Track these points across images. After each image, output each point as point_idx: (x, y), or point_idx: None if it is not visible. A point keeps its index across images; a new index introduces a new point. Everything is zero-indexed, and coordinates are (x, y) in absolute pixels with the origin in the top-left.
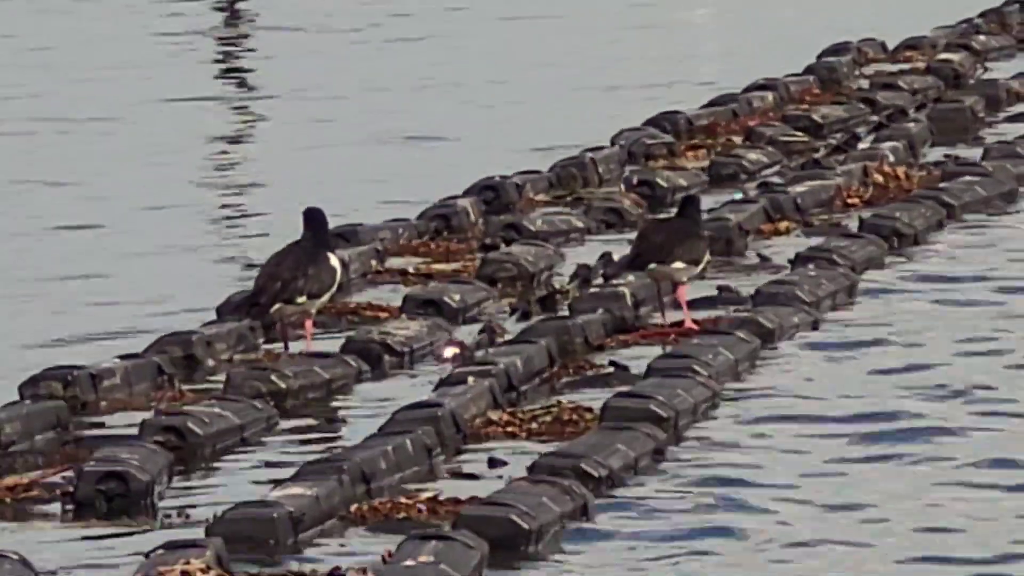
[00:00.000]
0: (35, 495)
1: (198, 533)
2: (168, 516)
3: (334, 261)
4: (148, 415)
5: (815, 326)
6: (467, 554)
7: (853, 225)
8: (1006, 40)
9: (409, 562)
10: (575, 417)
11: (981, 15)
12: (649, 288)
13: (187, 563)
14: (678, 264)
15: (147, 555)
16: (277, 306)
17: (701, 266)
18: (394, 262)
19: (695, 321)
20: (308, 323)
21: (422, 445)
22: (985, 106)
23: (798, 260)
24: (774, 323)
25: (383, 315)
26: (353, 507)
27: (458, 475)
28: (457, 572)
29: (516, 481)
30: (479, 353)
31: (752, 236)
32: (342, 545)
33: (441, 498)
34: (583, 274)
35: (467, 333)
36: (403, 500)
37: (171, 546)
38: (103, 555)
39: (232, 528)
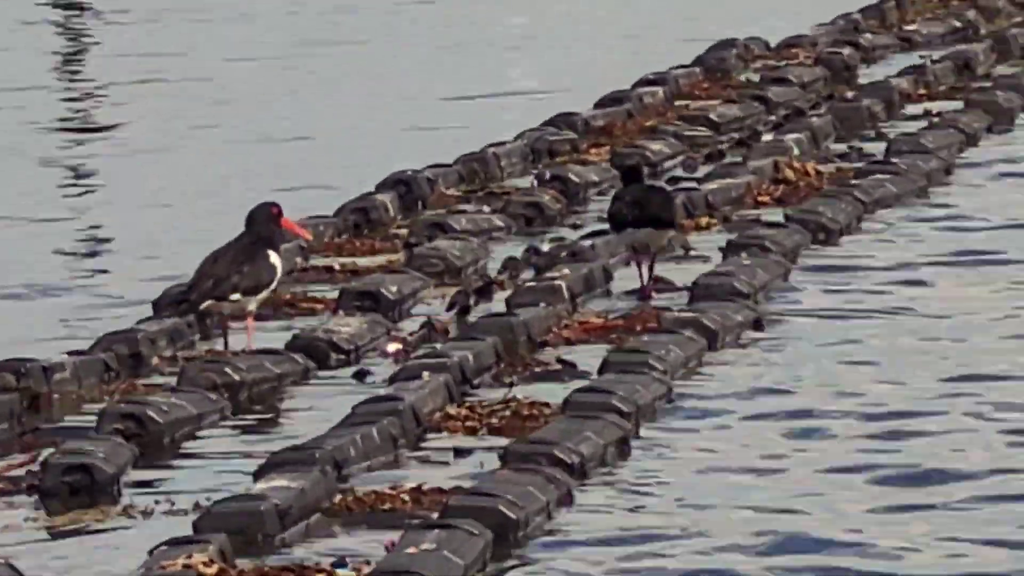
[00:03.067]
0: (0, 488)
1: (179, 525)
2: (144, 510)
3: (274, 259)
4: (99, 407)
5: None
6: (471, 541)
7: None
8: (889, 39)
9: (412, 550)
10: (534, 412)
11: (861, 11)
12: (583, 281)
13: (190, 557)
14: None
15: (150, 552)
16: (209, 302)
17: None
18: (319, 260)
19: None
20: (249, 320)
21: (388, 435)
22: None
23: (730, 248)
24: (717, 324)
25: (319, 307)
26: (337, 498)
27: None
28: (461, 560)
29: (499, 470)
30: (430, 347)
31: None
32: (330, 537)
33: (425, 488)
34: (461, 302)
35: (407, 329)
36: (387, 491)
37: (174, 542)
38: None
39: (220, 522)
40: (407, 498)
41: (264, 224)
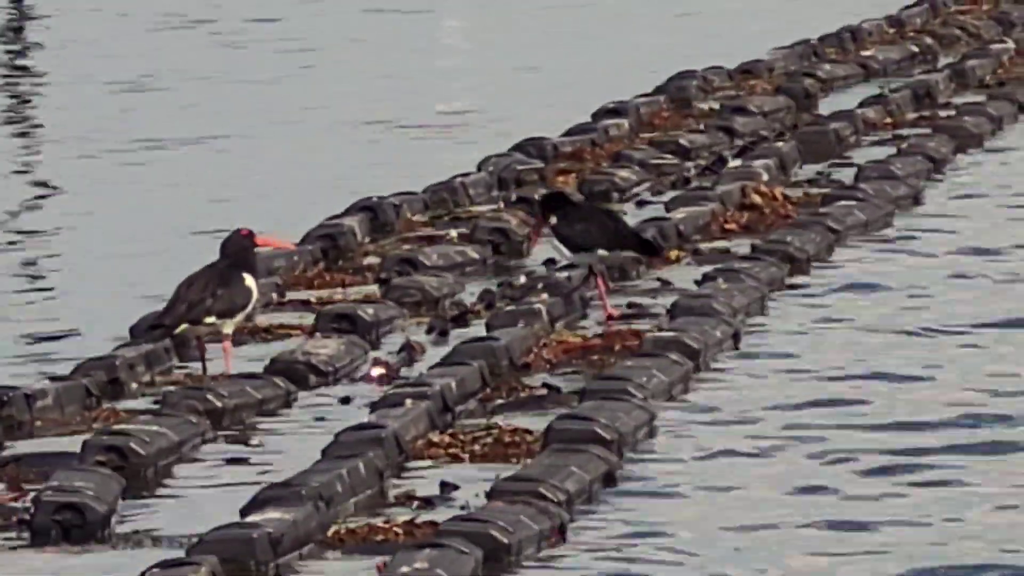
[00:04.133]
0: None
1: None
2: (136, 542)
3: (249, 282)
4: (79, 436)
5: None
6: (461, 559)
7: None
8: (851, 68)
9: (404, 568)
10: (516, 439)
11: (821, 39)
12: (562, 305)
13: None
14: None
15: (142, 574)
16: (183, 327)
17: None
18: (293, 294)
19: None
20: (226, 344)
21: (374, 468)
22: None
23: (705, 280)
24: (700, 343)
25: (295, 332)
26: (331, 531)
27: (415, 498)
28: None
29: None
30: (408, 372)
31: (644, 266)
32: (322, 567)
33: (418, 521)
34: (439, 326)
35: (385, 352)
36: (381, 524)
37: (165, 564)
38: None
39: (212, 549)
40: (400, 531)
41: (238, 250)
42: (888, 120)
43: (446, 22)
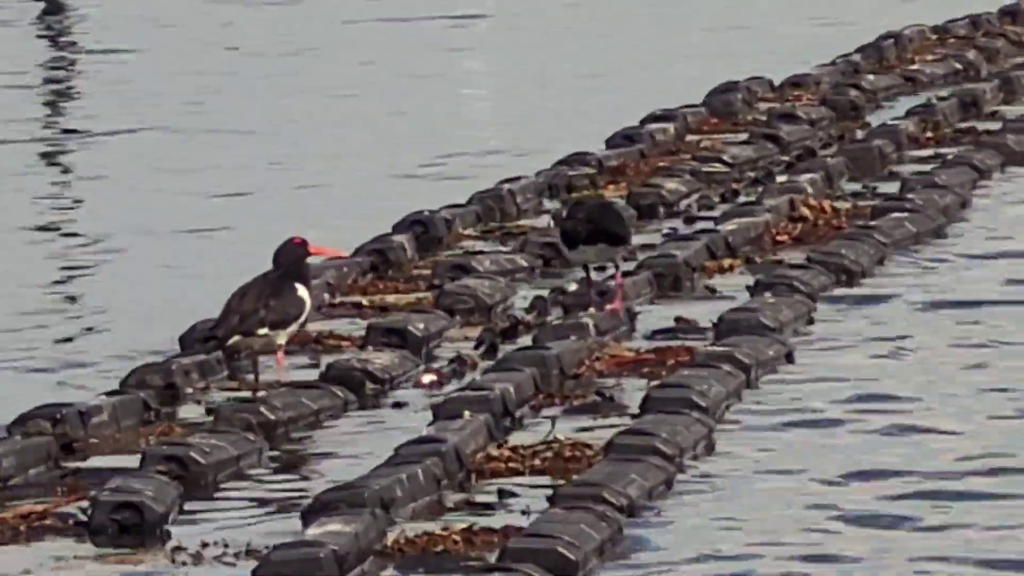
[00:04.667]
0: (49, 524)
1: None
2: (195, 553)
3: (302, 292)
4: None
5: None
6: None
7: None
8: (892, 79)
9: None
10: (576, 453)
11: (859, 50)
12: (609, 320)
13: None
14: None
15: None
16: (235, 338)
17: None
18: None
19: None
20: (279, 354)
21: (432, 475)
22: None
23: (757, 287)
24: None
25: (345, 344)
26: (390, 540)
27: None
28: None
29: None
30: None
31: (698, 273)
32: None
33: (476, 529)
34: (488, 340)
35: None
36: (440, 532)
37: None
38: None
39: (278, 569)
40: (459, 539)
41: (291, 259)
42: (930, 134)
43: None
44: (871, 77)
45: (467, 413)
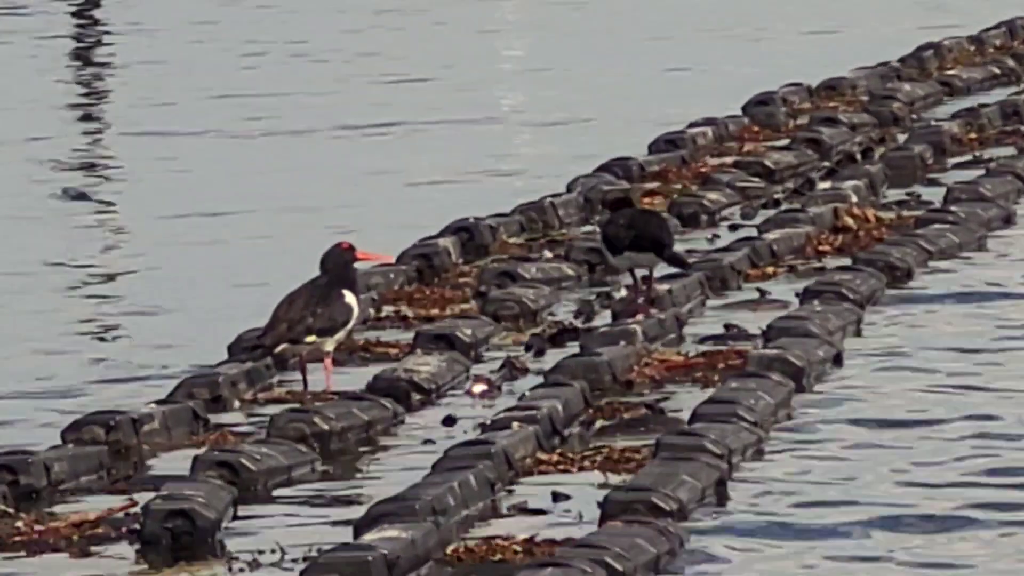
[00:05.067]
0: (101, 532)
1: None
2: (251, 560)
3: (349, 298)
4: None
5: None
6: None
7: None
8: (931, 87)
9: None
10: (625, 457)
11: (900, 60)
12: (657, 326)
13: None
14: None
15: None
16: (283, 346)
17: None
18: (390, 308)
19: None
20: (327, 362)
21: (484, 479)
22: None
23: (806, 294)
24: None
25: (393, 351)
26: (449, 549)
27: (526, 510)
28: None
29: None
30: (515, 392)
31: (742, 278)
32: None
33: (537, 539)
34: (537, 344)
35: (485, 369)
36: (499, 542)
37: None
38: None
39: (327, 572)
40: (519, 549)
41: (338, 264)
42: (973, 135)
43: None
44: (907, 87)
45: (516, 424)
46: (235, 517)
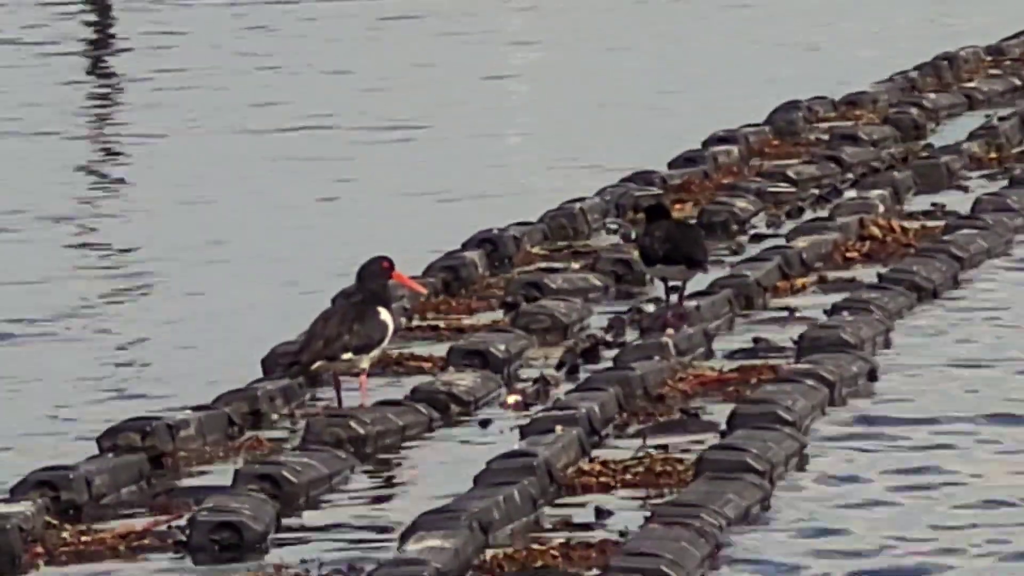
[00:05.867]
0: (147, 543)
1: None
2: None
3: (384, 316)
4: (226, 465)
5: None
6: None
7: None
8: (955, 98)
9: None
10: (667, 468)
11: (917, 68)
12: (689, 340)
13: None
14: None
15: None
16: (319, 363)
17: None
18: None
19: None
20: (363, 379)
21: (528, 495)
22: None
23: (835, 310)
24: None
25: (427, 365)
26: (489, 555)
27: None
28: None
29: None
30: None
31: (770, 293)
32: None
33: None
34: (570, 360)
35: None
36: (537, 548)
37: None
38: None
39: None
40: (557, 554)
41: (374, 280)
42: (994, 155)
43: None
44: (932, 95)
45: (559, 428)
46: (278, 529)
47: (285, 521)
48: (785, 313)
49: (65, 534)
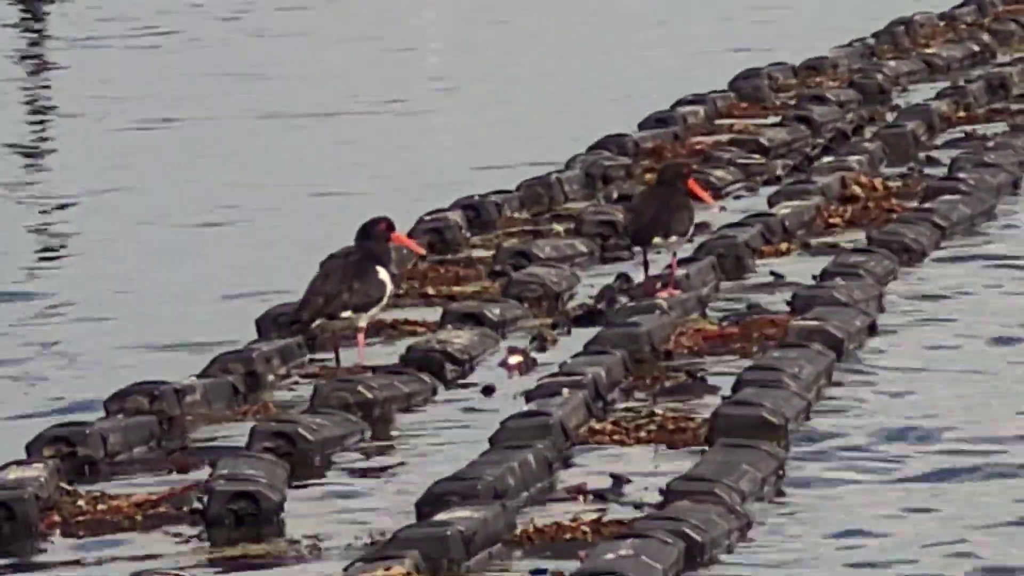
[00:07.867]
0: (164, 512)
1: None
2: (314, 544)
3: (383, 275)
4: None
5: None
6: (665, 550)
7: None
8: (915, 64)
9: (610, 555)
10: (680, 426)
11: (874, 36)
12: (683, 304)
13: (388, 568)
14: (673, 237)
15: (346, 569)
16: (319, 321)
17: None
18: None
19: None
20: (360, 337)
21: (543, 459)
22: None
23: (825, 276)
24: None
25: (420, 329)
26: (519, 529)
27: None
28: (658, 564)
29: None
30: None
31: (756, 257)
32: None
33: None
34: (563, 324)
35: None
36: (568, 523)
37: (368, 559)
38: None
39: (406, 547)
40: (587, 529)
41: (374, 239)
42: (962, 114)
43: None
44: (892, 63)
45: (566, 391)
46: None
47: (302, 486)
48: (771, 278)
49: (81, 502)
